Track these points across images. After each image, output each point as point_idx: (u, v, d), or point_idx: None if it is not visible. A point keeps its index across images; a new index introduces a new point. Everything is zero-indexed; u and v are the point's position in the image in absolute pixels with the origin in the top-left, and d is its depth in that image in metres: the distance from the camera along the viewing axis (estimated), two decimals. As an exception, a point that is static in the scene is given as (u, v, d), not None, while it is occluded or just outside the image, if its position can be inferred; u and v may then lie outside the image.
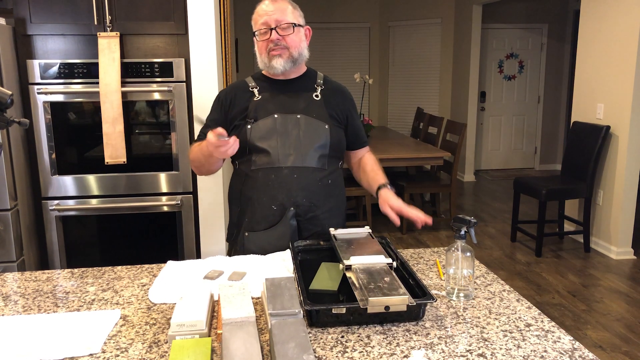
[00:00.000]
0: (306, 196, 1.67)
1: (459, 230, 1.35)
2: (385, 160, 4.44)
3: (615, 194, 4.12)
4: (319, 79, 1.81)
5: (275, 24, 1.66)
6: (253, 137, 1.67)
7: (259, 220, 1.69)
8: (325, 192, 1.71)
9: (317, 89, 1.78)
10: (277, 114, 1.69)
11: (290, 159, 1.67)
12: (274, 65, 1.68)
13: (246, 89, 1.75)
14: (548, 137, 7.51)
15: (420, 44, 7.34)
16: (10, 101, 1.32)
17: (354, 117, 1.84)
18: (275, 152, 1.67)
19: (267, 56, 1.69)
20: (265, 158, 1.67)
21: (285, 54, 1.67)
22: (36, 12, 2.63)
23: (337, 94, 1.81)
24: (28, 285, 1.48)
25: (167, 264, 1.60)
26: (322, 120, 1.72)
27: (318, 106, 1.74)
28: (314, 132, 1.70)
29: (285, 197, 1.66)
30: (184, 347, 1.07)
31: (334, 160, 1.76)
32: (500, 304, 1.33)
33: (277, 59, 1.67)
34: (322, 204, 1.71)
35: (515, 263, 4.08)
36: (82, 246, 2.85)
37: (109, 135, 2.67)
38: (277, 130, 1.68)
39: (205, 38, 2.70)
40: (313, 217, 1.70)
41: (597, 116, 4.28)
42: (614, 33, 4.06)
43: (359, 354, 1.09)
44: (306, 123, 1.70)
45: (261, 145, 1.67)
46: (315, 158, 1.69)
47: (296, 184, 1.66)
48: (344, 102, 1.81)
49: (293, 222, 1.68)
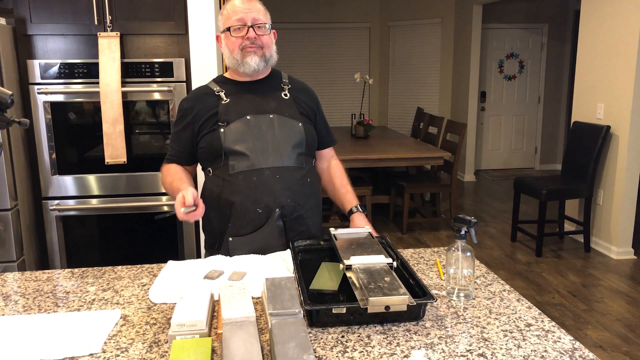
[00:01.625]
0: (290, 196, 1.66)
1: (459, 230, 1.35)
2: (386, 160, 4.44)
3: (615, 194, 4.12)
4: (284, 79, 1.80)
5: (252, 22, 1.65)
6: (228, 140, 1.63)
7: (244, 224, 1.66)
8: (306, 190, 1.70)
9: (284, 88, 1.76)
10: (250, 115, 1.66)
11: (269, 160, 1.64)
12: (248, 62, 1.66)
13: (211, 94, 1.71)
14: (548, 137, 7.51)
15: (421, 44, 7.33)
16: (11, 101, 1.32)
17: (321, 114, 1.85)
18: (253, 154, 1.63)
19: (240, 53, 1.66)
20: (243, 161, 1.63)
21: (259, 53, 1.66)
22: (36, 12, 2.63)
23: (304, 92, 1.81)
24: (28, 285, 1.48)
25: (167, 263, 1.59)
26: (295, 119, 1.71)
27: (288, 105, 1.73)
28: (289, 131, 1.68)
29: (270, 198, 1.64)
30: (184, 347, 1.07)
31: (309, 159, 1.76)
32: (500, 304, 1.33)
33: (252, 56, 1.65)
34: (305, 203, 1.70)
35: (515, 263, 4.08)
36: (83, 246, 2.85)
37: (109, 135, 2.67)
38: (251, 132, 1.65)
39: (205, 38, 2.70)
40: (298, 216, 1.68)
41: (597, 116, 4.28)
42: (614, 33, 4.06)
43: (359, 353, 1.09)
44: (279, 122, 1.68)
45: (237, 148, 1.63)
46: (293, 157, 1.68)
47: (279, 185, 1.64)
48: (311, 101, 1.81)
49: (279, 222, 1.66)
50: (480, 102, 7.20)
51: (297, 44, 7.36)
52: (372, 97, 7.77)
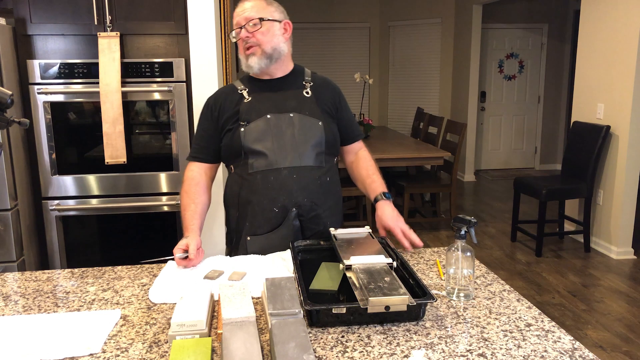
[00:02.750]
0: (307, 196, 1.66)
1: (459, 230, 1.35)
2: (386, 160, 4.44)
3: (615, 194, 4.12)
4: (307, 76, 1.78)
5: (244, 21, 1.65)
6: (247, 140, 1.65)
7: (261, 223, 1.67)
8: (324, 190, 1.70)
9: (306, 86, 1.75)
10: (270, 115, 1.67)
11: (288, 159, 1.65)
12: (250, 64, 1.67)
13: (235, 92, 1.73)
14: (548, 137, 7.51)
15: (421, 44, 7.33)
16: (11, 101, 1.32)
17: (344, 108, 1.82)
18: (272, 154, 1.64)
19: (244, 56, 1.68)
20: (262, 160, 1.65)
21: (257, 51, 1.65)
22: (36, 12, 2.63)
23: (326, 88, 1.79)
24: (28, 285, 1.48)
25: (167, 264, 1.59)
26: (316, 117, 1.70)
27: (310, 103, 1.72)
28: (309, 130, 1.68)
29: (287, 198, 1.64)
30: (184, 347, 1.07)
31: (330, 158, 1.74)
32: (500, 304, 1.33)
33: (251, 58, 1.66)
34: (323, 203, 1.70)
35: (515, 263, 4.08)
36: (83, 246, 2.85)
37: (109, 135, 2.67)
38: (271, 131, 1.65)
39: (205, 38, 2.70)
40: (315, 216, 1.68)
41: (597, 116, 4.28)
42: (614, 33, 4.06)
43: (359, 353, 1.09)
44: (300, 121, 1.68)
45: (257, 147, 1.64)
46: (312, 156, 1.67)
47: (296, 185, 1.65)
48: (333, 96, 1.79)
49: (296, 222, 1.66)
50: (480, 102, 7.20)
51: (297, 44, 7.33)
52: (372, 97, 7.77)
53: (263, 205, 1.66)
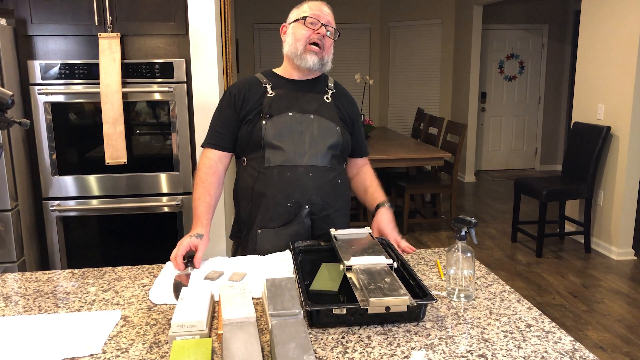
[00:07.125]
0: (320, 195, 1.69)
1: (460, 230, 1.35)
2: (386, 161, 4.44)
3: (615, 195, 4.12)
4: (330, 83, 1.84)
5: (326, 22, 1.70)
6: (268, 134, 1.67)
7: (273, 217, 1.69)
8: (336, 191, 1.74)
9: (328, 92, 1.80)
10: (292, 112, 1.70)
11: (305, 158, 1.68)
12: (307, 58, 1.69)
13: (259, 85, 1.75)
14: (548, 138, 7.51)
15: (421, 45, 7.34)
16: (11, 102, 1.32)
17: (359, 124, 1.89)
18: (290, 150, 1.67)
19: (304, 47, 1.69)
20: (279, 156, 1.67)
21: (320, 55, 1.70)
22: (37, 13, 2.63)
23: (346, 99, 1.84)
24: (28, 286, 1.48)
25: (167, 264, 1.59)
26: (334, 122, 1.74)
27: (329, 108, 1.76)
28: (327, 133, 1.72)
29: (301, 195, 1.67)
30: (184, 348, 1.07)
31: (341, 161, 1.80)
32: (500, 305, 1.33)
33: (312, 55, 1.69)
34: (334, 203, 1.73)
35: (515, 264, 4.08)
36: (83, 247, 2.85)
37: (109, 136, 2.67)
38: (292, 129, 1.68)
39: (205, 38, 2.71)
40: (326, 215, 1.71)
41: (597, 117, 4.28)
42: (615, 33, 4.06)
43: (359, 354, 1.09)
44: (319, 123, 1.72)
45: (276, 142, 1.67)
46: (327, 158, 1.71)
47: (312, 183, 1.67)
48: (352, 109, 1.85)
49: (307, 220, 1.69)
50: (480, 102, 7.21)
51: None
52: (372, 98, 7.77)
53: (277, 200, 1.67)
